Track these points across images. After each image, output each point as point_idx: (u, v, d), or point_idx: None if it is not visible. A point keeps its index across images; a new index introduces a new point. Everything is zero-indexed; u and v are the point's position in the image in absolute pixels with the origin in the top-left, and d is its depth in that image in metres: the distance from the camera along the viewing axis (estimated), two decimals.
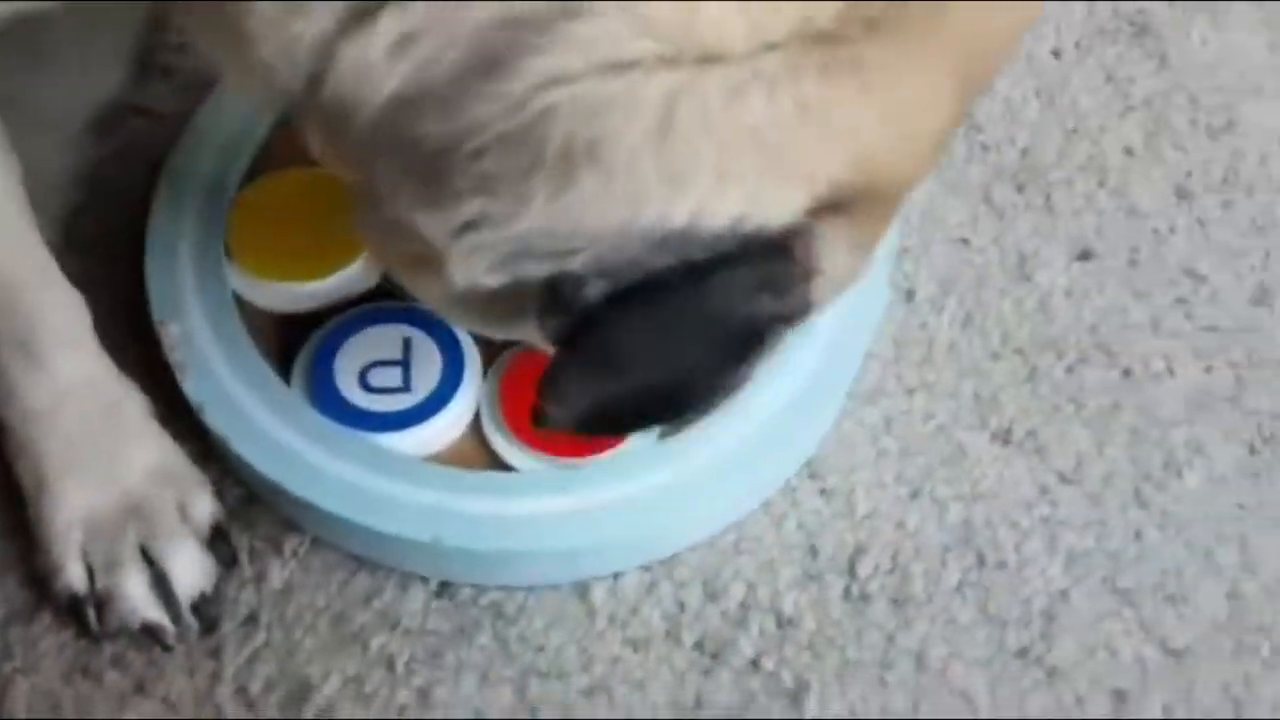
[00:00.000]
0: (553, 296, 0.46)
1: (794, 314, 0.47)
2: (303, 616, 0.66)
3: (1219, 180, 0.84)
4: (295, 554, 0.68)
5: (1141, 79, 0.89)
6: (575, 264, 0.44)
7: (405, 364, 0.65)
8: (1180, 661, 0.65)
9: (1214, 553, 0.68)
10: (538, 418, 0.49)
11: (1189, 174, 0.84)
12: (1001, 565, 0.67)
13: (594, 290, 0.45)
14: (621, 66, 0.42)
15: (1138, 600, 0.66)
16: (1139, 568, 0.67)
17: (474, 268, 0.46)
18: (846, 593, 0.66)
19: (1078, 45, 0.90)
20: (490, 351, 0.66)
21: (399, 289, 0.67)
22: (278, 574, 0.67)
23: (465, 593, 0.67)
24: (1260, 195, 0.83)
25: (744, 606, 0.66)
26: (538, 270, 0.45)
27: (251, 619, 0.66)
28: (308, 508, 0.63)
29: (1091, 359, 0.75)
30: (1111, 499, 0.70)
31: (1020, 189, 0.83)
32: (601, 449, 0.62)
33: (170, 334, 0.66)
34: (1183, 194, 0.83)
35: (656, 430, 0.62)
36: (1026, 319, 0.77)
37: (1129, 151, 0.85)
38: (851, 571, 0.67)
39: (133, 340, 0.69)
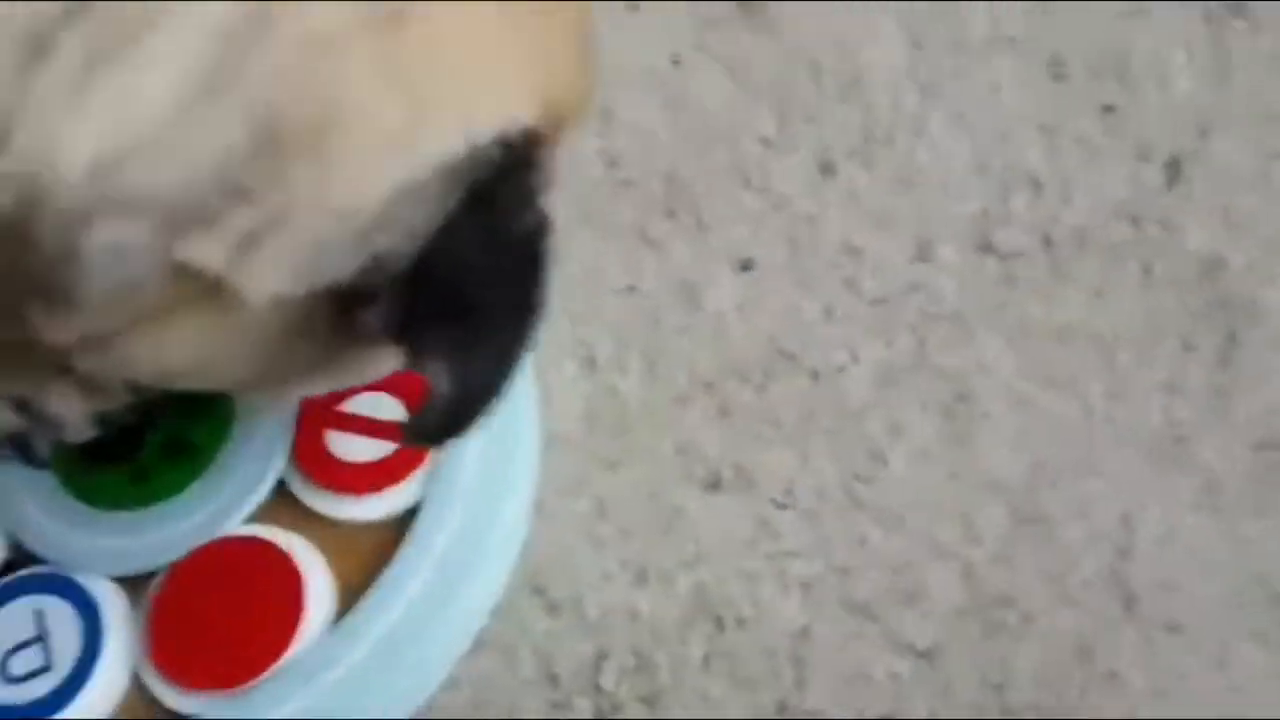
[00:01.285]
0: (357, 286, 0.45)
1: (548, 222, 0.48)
2: None
3: (860, 141, 0.83)
4: None
5: (760, 61, 0.88)
6: (383, 241, 0.44)
7: (44, 639, 0.60)
8: (933, 663, 0.64)
9: (936, 534, 0.68)
10: (406, 432, 0.51)
11: (828, 146, 0.83)
12: (740, 622, 0.66)
13: (399, 258, 0.45)
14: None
15: (878, 612, 0.66)
16: (870, 576, 0.67)
17: (270, 278, 0.44)
18: (597, 710, 0.64)
19: (695, 45, 0.89)
20: (136, 592, 0.62)
21: (26, 554, 0.63)
22: None
23: None
24: (900, 143, 0.83)
25: None
26: (350, 262, 0.45)
27: None
28: None
29: (776, 371, 0.74)
30: (828, 511, 0.69)
31: (671, 215, 0.81)
32: (263, 668, 0.59)
33: None
34: (826, 169, 0.82)
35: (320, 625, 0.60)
36: (705, 349, 0.75)
37: (765, 142, 0.84)
38: (596, 686, 0.65)
39: None
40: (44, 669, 0.60)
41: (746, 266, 0.78)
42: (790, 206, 0.80)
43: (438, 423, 0.49)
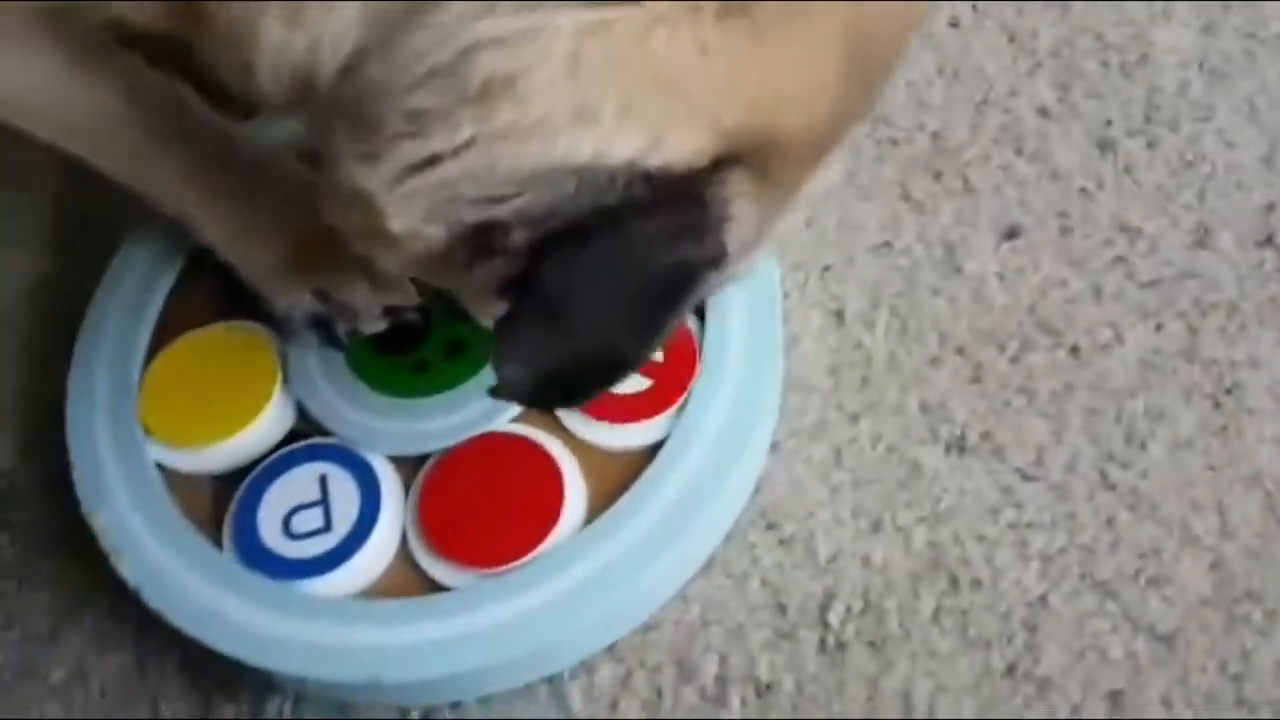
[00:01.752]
0: (480, 243, 0.48)
1: (713, 259, 0.48)
2: None
3: (1141, 121, 0.81)
4: (280, 714, 0.68)
5: (1045, 29, 0.86)
6: (502, 211, 0.47)
7: (324, 503, 0.65)
8: (1171, 647, 0.62)
9: (1190, 524, 0.66)
10: (495, 387, 0.50)
11: (1108, 122, 0.81)
12: (976, 584, 0.65)
13: (519, 237, 0.47)
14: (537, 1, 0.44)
15: (1119, 591, 0.64)
16: (1115, 557, 0.65)
17: (410, 215, 0.48)
18: (822, 645, 0.65)
19: (975, 9, 0.88)
20: (408, 472, 0.66)
21: (315, 426, 0.67)
22: None
23: (445, 712, 0.66)
24: (1185, 127, 0.80)
25: (720, 680, 0.64)
26: (470, 216, 0.47)
27: None
28: (258, 669, 0.63)
29: (1035, 343, 0.73)
30: (1078, 488, 0.68)
31: (937, 177, 0.80)
32: (525, 551, 0.61)
33: (100, 523, 0.66)
34: (1105, 145, 0.80)
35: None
36: (962, 314, 0.74)
37: (1043, 112, 0.82)
38: (824, 621, 0.65)
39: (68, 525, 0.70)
40: (323, 529, 0.64)
41: (1012, 234, 0.77)
42: (1064, 179, 0.78)
43: (508, 392, 0.50)
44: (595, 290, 0.47)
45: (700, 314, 0.68)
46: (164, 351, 0.70)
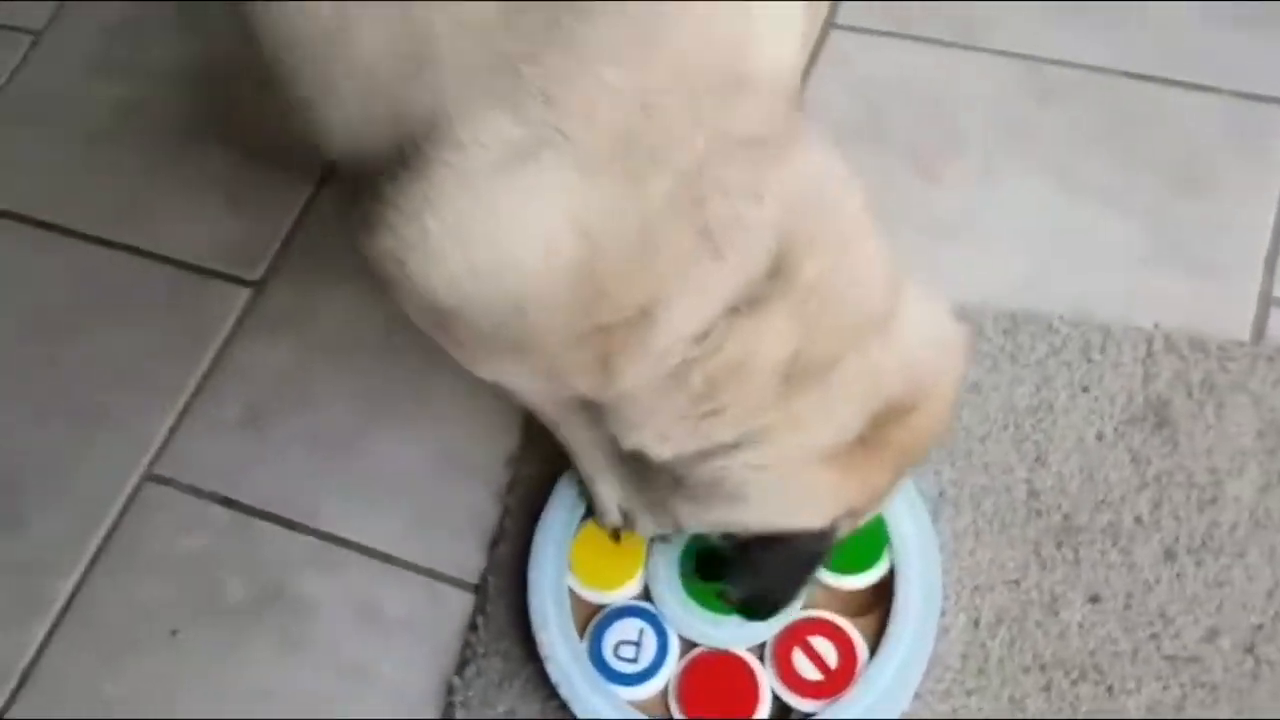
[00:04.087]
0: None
1: (826, 554, 1.10)
2: None
3: (1198, 544, 1.26)
4: None
5: (1156, 460, 1.31)
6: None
7: (638, 644, 1.21)
8: None
9: None
10: (723, 594, 1.13)
11: (1177, 539, 1.26)
12: None
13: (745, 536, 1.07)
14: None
15: None
16: None
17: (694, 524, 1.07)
18: None
19: (1115, 430, 1.33)
20: (687, 647, 1.22)
21: (650, 597, 1.25)
22: None
23: None
24: (1224, 557, 1.24)
25: None
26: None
27: None
28: None
29: (1088, 677, 1.19)
30: None
31: (1059, 545, 1.27)
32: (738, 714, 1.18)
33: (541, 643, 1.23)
34: (1169, 555, 1.25)
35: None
36: (1050, 644, 1.22)
37: (1139, 519, 1.28)
38: None
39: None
40: (634, 659, 1.21)
41: (1095, 599, 1.23)
42: (1137, 571, 1.24)
43: (739, 610, 1.11)
44: (778, 564, 1.06)
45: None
46: (583, 526, 1.28)
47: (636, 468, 1.09)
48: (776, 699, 1.18)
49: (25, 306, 1.55)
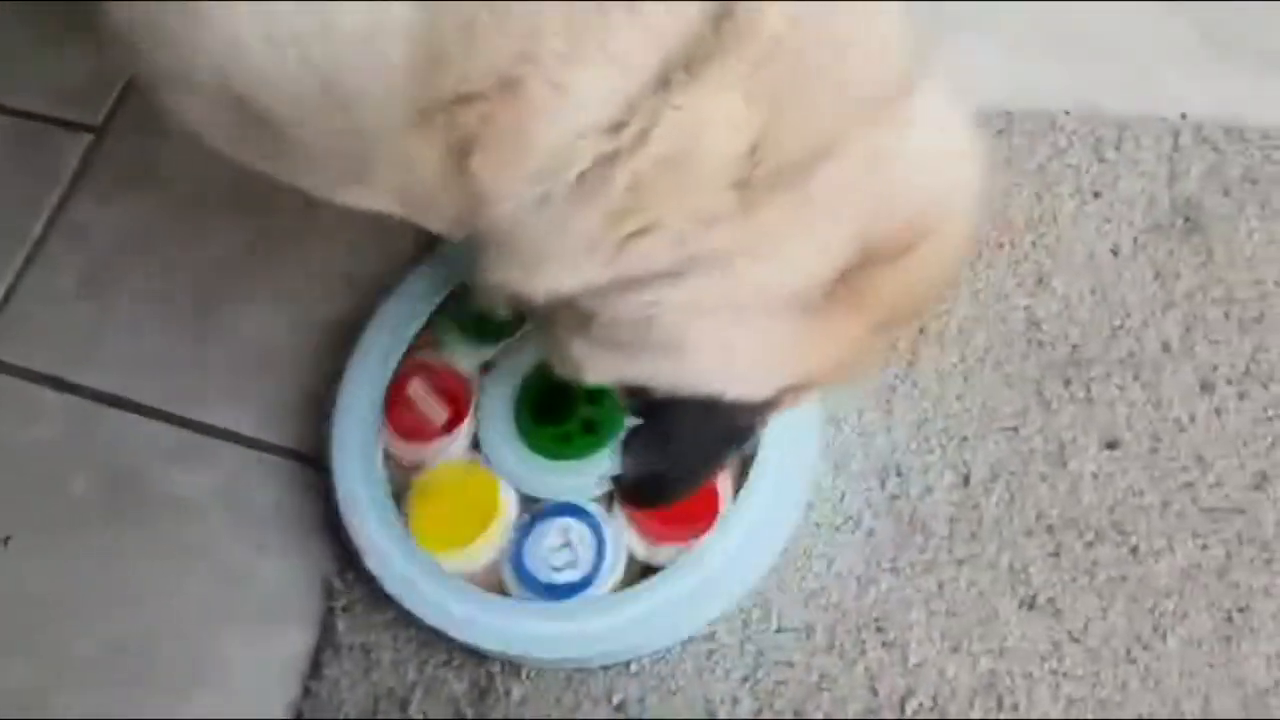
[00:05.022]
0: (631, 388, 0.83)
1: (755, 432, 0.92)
2: None
3: (1241, 372, 1.02)
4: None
5: (1186, 274, 1.07)
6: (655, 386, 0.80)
7: (569, 545, 0.98)
8: None
9: (1181, 705, 0.90)
10: (615, 477, 0.90)
11: (1215, 367, 1.02)
12: (1014, 708, 0.91)
13: (658, 393, 0.80)
14: None
15: None
16: (1120, 712, 0.90)
17: (602, 376, 0.82)
18: None
19: (1135, 241, 1.09)
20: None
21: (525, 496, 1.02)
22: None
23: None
24: (1275, 386, 1.01)
25: None
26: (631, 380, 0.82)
27: None
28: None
29: (1107, 537, 0.96)
30: (1107, 655, 0.92)
31: (1066, 383, 1.03)
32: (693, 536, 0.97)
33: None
34: (1206, 386, 1.01)
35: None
36: (1058, 501, 0.99)
37: (1165, 347, 1.04)
38: (901, 709, 0.92)
39: None
40: (570, 564, 0.97)
41: (1112, 445, 1.00)
42: (1165, 407, 1.00)
43: (624, 488, 0.89)
44: (690, 438, 0.82)
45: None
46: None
47: None
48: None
49: None
